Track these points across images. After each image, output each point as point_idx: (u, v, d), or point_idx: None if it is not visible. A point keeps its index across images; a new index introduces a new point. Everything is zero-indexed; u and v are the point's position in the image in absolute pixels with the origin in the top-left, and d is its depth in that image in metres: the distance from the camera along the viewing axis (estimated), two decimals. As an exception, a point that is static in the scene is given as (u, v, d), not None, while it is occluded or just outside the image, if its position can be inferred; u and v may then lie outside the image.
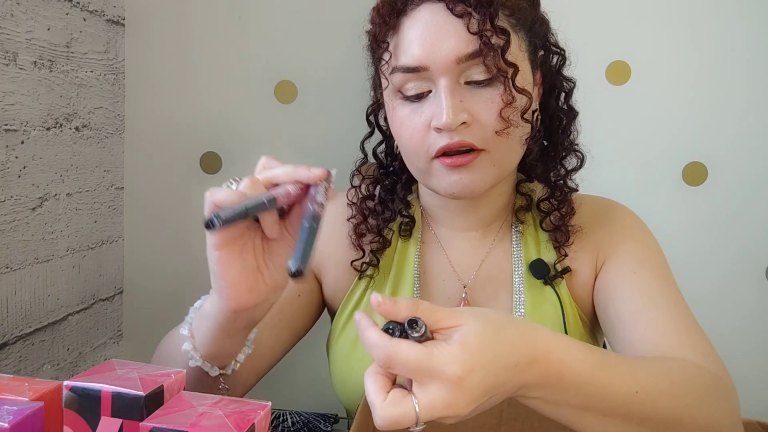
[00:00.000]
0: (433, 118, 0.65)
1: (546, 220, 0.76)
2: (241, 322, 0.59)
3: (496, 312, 0.49)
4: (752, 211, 1.09)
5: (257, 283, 0.56)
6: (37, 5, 0.91)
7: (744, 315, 1.11)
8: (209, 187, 0.55)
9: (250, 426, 0.44)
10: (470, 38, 0.64)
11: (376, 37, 0.69)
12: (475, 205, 0.76)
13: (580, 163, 0.77)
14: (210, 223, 0.49)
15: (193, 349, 0.61)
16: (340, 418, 1.02)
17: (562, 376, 0.47)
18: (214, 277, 0.56)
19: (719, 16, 1.06)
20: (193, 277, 1.18)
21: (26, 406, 0.46)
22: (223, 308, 0.57)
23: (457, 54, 0.64)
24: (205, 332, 0.60)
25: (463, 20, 0.64)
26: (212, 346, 0.60)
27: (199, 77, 1.15)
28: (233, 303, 0.56)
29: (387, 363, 0.44)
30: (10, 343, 0.90)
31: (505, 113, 0.65)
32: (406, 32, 0.67)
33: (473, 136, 0.65)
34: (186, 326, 0.63)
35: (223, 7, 1.13)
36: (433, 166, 0.68)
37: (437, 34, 0.64)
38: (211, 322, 0.59)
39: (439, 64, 0.64)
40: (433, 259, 0.79)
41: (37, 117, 0.93)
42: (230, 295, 0.56)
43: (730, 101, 1.08)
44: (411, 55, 0.65)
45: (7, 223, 0.88)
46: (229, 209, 0.50)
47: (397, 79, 0.68)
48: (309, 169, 0.55)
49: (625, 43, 1.08)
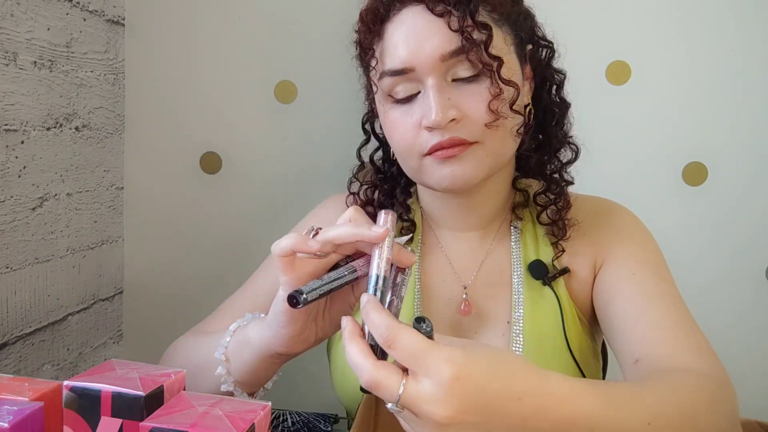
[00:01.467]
0: (423, 118, 0.66)
1: (543, 214, 0.76)
2: (282, 360, 0.60)
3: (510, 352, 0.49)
4: (752, 211, 1.09)
5: (311, 334, 0.58)
6: (37, 5, 0.91)
7: (743, 315, 1.11)
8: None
9: (250, 426, 0.44)
10: (452, 36, 0.65)
11: (362, 44, 0.71)
12: (474, 203, 0.76)
13: (574, 156, 0.77)
14: (293, 301, 0.49)
15: (227, 374, 0.62)
16: (340, 418, 1.02)
17: (575, 422, 0.45)
18: (276, 322, 0.56)
19: (719, 17, 1.06)
20: (194, 277, 1.18)
21: (26, 406, 0.46)
22: (270, 347, 0.58)
23: (440, 52, 0.65)
24: (245, 360, 0.61)
25: (444, 19, 0.65)
26: (248, 374, 0.61)
27: (199, 77, 1.15)
28: (284, 348, 0.57)
29: (388, 341, 0.43)
30: (10, 343, 0.90)
31: (493, 105, 0.66)
32: (390, 37, 0.68)
33: (464, 131, 0.66)
34: (222, 349, 0.63)
35: (223, 7, 1.13)
36: (425, 162, 0.69)
37: (420, 35, 0.65)
38: (253, 352, 0.60)
39: (424, 64, 0.65)
40: (433, 261, 0.79)
41: (37, 117, 0.93)
42: (285, 343, 0.57)
43: (730, 101, 1.08)
44: (397, 57, 0.67)
45: (7, 223, 0.88)
46: (313, 289, 0.50)
47: (385, 84, 0.69)
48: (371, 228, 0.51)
49: (625, 43, 1.08)
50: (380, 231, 0.50)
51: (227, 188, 1.16)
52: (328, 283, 0.51)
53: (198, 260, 1.18)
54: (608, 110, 1.09)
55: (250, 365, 0.60)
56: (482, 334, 0.75)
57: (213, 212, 1.17)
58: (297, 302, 0.49)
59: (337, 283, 0.51)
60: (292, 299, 0.49)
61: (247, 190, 1.16)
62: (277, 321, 0.56)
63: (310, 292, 0.49)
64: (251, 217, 1.17)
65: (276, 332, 0.57)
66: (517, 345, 0.72)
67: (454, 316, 0.76)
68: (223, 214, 1.17)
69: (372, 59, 0.70)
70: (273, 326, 0.57)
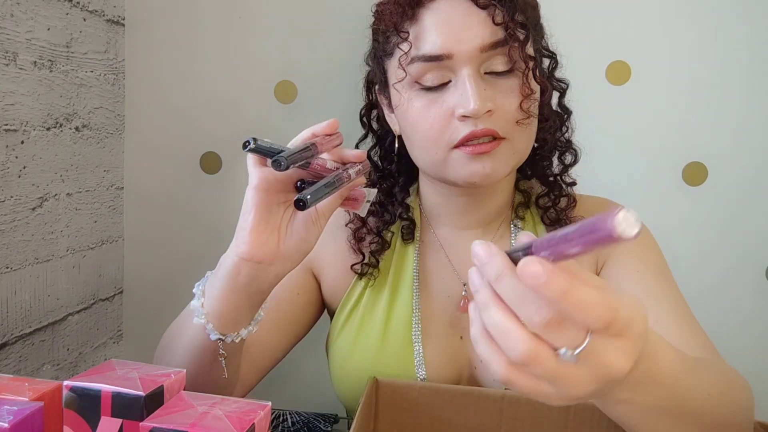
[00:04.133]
0: (458, 106, 0.65)
1: (545, 216, 0.77)
2: (246, 278, 0.58)
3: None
4: (752, 211, 1.09)
5: (271, 240, 0.57)
6: (37, 5, 0.91)
7: (743, 315, 1.11)
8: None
9: (250, 426, 0.44)
10: (494, 28, 0.65)
11: (396, 26, 0.68)
12: (478, 202, 0.76)
13: (574, 159, 0.78)
14: (299, 204, 0.52)
15: (201, 306, 0.61)
16: (340, 418, 1.02)
17: (660, 374, 0.43)
18: (240, 218, 0.58)
19: (719, 16, 1.06)
20: (194, 277, 1.17)
21: (26, 406, 0.46)
22: (232, 253, 0.58)
23: (481, 42, 0.65)
24: (217, 286, 0.60)
25: (487, 11, 0.65)
26: (218, 301, 0.60)
27: (199, 77, 1.15)
28: (244, 246, 0.57)
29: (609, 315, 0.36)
30: (10, 343, 0.90)
31: (525, 104, 0.66)
32: (426, 22, 0.67)
33: (496, 124, 0.66)
34: (200, 285, 0.63)
35: (224, 7, 1.13)
36: (453, 155, 0.68)
37: (461, 23, 0.65)
38: (220, 273, 0.59)
39: (463, 53, 0.65)
40: (432, 259, 0.79)
41: (37, 117, 0.93)
42: (245, 238, 0.57)
43: (730, 101, 1.08)
44: (434, 43, 0.66)
45: (7, 223, 0.88)
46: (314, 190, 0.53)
47: (415, 69, 0.67)
48: (351, 150, 0.61)
49: (625, 43, 1.08)
50: (359, 152, 0.60)
51: (227, 188, 1.16)
52: (325, 185, 0.54)
53: (198, 260, 1.18)
54: (608, 110, 1.09)
55: (220, 290, 0.59)
56: (482, 333, 0.75)
57: (213, 212, 1.17)
58: (304, 204, 0.51)
59: (333, 186, 0.55)
60: (299, 202, 0.52)
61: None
62: (242, 215, 0.57)
63: (313, 192, 0.53)
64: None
65: (238, 229, 0.58)
66: (517, 344, 0.72)
67: (454, 314, 0.76)
68: (223, 214, 1.17)
69: (404, 43, 0.68)
70: (238, 226, 0.58)
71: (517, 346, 0.37)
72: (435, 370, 0.74)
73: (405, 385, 0.69)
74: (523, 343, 0.37)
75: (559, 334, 0.37)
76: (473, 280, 0.41)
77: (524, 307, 0.37)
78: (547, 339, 0.37)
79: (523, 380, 0.39)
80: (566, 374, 0.38)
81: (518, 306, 0.38)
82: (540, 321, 0.36)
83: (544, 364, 0.37)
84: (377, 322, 0.76)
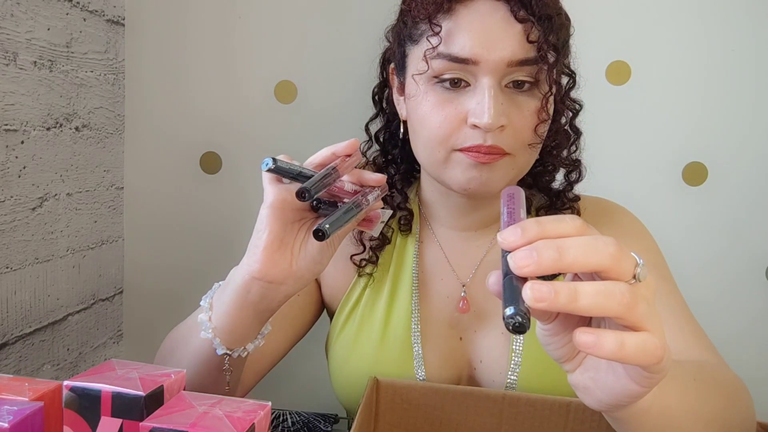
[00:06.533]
0: (472, 115, 0.64)
1: None
2: (256, 296, 0.58)
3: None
4: (753, 211, 1.09)
5: (284, 260, 0.57)
6: (37, 5, 0.91)
7: (744, 315, 1.11)
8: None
9: (250, 426, 0.44)
10: (527, 46, 0.63)
11: (431, 18, 0.66)
12: (478, 206, 0.76)
13: (578, 177, 0.78)
14: (318, 234, 0.52)
15: (208, 320, 0.60)
16: (340, 418, 1.02)
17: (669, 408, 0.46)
18: (254, 235, 0.57)
19: (719, 16, 1.06)
20: (193, 277, 1.18)
21: (26, 406, 0.46)
22: (243, 271, 0.57)
23: (511, 57, 0.63)
24: (225, 301, 0.59)
25: (524, 26, 0.63)
26: (226, 317, 0.59)
27: (199, 77, 1.15)
28: (256, 265, 0.56)
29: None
30: (10, 343, 0.90)
31: (539, 129, 0.66)
32: (461, 20, 0.65)
33: (505, 141, 0.65)
34: (207, 298, 0.62)
35: (223, 7, 1.13)
36: (454, 157, 0.67)
37: (496, 33, 0.63)
38: (230, 289, 0.59)
39: (490, 62, 0.63)
40: (431, 258, 0.79)
41: (37, 117, 0.92)
42: (257, 256, 0.56)
43: (730, 101, 1.08)
44: (464, 46, 0.64)
45: (7, 223, 0.88)
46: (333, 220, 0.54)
47: (438, 65, 0.66)
48: (371, 174, 0.60)
49: (625, 43, 1.08)
50: (378, 177, 0.59)
51: (227, 188, 1.16)
52: (344, 212, 0.55)
53: (198, 260, 1.18)
54: (608, 110, 1.09)
55: (229, 306, 0.59)
56: (481, 333, 0.75)
57: (213, 212, 1.17)
58: (323, 234, 0.52)
59: (352, 213, 0.55)
60: (318, 232, 0.52)
61: (247, 190, 1.16)
62: (255, 232, 0.57)
63: (332, 222, 0.53)
64: (251, 217, 1.16)
65: (250, 247, 0.57)
66: (517, 344, 0.72)
67: (453, 314, 0.76)
68: (223, 214, 1.17)
69: (434, 37, 0.65)
70: (250, 243, 0.58)
71: (607, 249, 0.37)
72: (434, 371, 0.74)
73: (406, 385, 0.69)
74: (612, 245, 0.38)
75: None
76: (521, 257, 0.37)
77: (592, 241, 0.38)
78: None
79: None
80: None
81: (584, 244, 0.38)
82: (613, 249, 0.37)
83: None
84: (377, 323, 0.76)
